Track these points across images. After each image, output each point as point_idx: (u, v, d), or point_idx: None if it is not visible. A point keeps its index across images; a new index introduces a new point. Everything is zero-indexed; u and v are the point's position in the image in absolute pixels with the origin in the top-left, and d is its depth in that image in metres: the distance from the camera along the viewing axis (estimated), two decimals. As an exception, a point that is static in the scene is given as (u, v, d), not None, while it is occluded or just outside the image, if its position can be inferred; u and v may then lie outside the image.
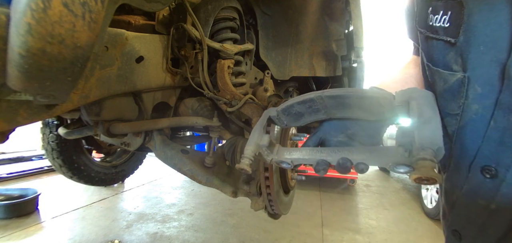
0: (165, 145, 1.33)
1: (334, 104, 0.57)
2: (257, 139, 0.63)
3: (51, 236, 2.45)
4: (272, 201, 1.10)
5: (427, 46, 0.48)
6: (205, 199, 3.68)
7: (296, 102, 0.60)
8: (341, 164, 0.50)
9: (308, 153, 0.57)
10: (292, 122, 0.64)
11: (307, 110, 0.60)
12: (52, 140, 2.06)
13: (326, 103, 0.58)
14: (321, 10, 1.53)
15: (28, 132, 2.95)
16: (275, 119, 0.65)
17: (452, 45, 0.41)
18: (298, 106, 0.60)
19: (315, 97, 0.57)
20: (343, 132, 0.59)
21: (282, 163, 0.60)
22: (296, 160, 0.58)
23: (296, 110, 0.61)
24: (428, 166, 0.38)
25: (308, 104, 0.59)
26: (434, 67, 0.47)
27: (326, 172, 0.53)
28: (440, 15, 0.42)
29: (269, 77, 1.61)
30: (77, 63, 0.54)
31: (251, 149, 0.61)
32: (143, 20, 1.12)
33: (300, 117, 0.62)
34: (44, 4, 0.44)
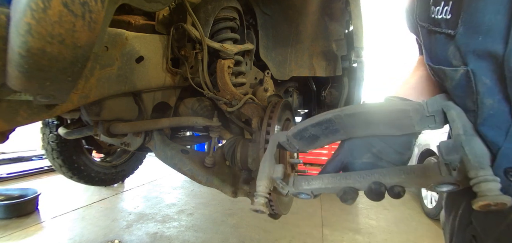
0: (165, 145, 1.33)
1: (355, 122, 0.51)
2: (269, 171, 0.55)
3: (51, 236, 2.45)
4: (272, 201, 1.10)
5: (429, 41, 0.45)
6: (205, 199, 3.68)
7: (310, 125, 0.53)
8: (373, 190, 0.44)
9: (331, 181, 0.51)
10: (306, 146, 0.57)
11: (324, 132, 0.54)
12: (52, 140, 2.06)
13: (345, 123, 0.51)
14: (321, 10, 1.53)
15: (28, 132, 2.96)
16: (285, 145, 0.58)
17: (451, 38, 0.39)
18: (312, 129, 0.54)
19: (333, 117, 0.50)
20: (369, 151, 0.52)
21: (301, 195, 0.53)
22: (317, 190, 0.52)
23: (310, 133, 0.54)
24: (494, 189, 0.34)
25: (324, 125, 0.52)
26: (436, 66, 0.44)
27: (355, 200, 0.47)
28: (442, 6, 0.39)
29: (269, 77, 1.61)
30: (77, 63, 0.54)
31: (264, 184, 0.53)
32: (143, 20, 1.12)
33: (315, 140, 0.55)
34: (44, 4, 0.44)
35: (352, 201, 0.48)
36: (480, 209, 0.34)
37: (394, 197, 0.44)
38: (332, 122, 0.52)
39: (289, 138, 0.57)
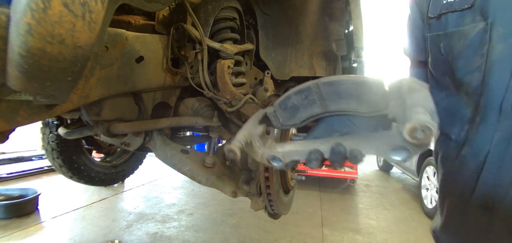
0: (165, 145, 1.33)
1: (330, 92, 0.54)
2: (251, 127, 0.60)
3: (51, 236, 2.45)
4: (272, 201, 1.10)
5: (439, 24, 0.51)
6: (205, 199, 3.68)
7: (293, 93, 0.57)
8: (334, 149, 0.47)
9: (301, 145, 0.54)
10: (288, 118, 0.61)
11: (303, 103, 0.57)
12: (52, 140, 2.06)
13: (322, 92, 0.55)
14: (321, 10, 1.53)
15: (28, 132, 2.95)
16: (272, 116, 0.62)
17: (469, 9, 0.45)
18: (294, 98, 0.57)
19: (312, 85, 0.54)
20: (337, 131, 0.57)
21: (274, 160, 0.56)
22: (288, 153, 0.55)
23: (292, 103, 0.58)
24: (421, 115, 0.36)
25: (304, 94, 0.56)
26: (451, 30, 0.48)
27: (319, 164, 0.50)
28: None
29: (269, 77, 1.61)
30: (77, 63, 0.54)
31: (243, 134, 0.58)
32: (143, 20, 1.12)
33: (296, 112, 0.59)
34: (44, 4, 0.44)
35: (316, 163, 0.50)
36: (409, 133, 0.36)
37: (353, 161, 0.47)
38: (310, 90, 0.55)
39: (275, 107, 0.60)
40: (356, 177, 4.43)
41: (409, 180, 5.48)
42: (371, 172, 6.00)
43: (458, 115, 0.50)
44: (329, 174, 4.45)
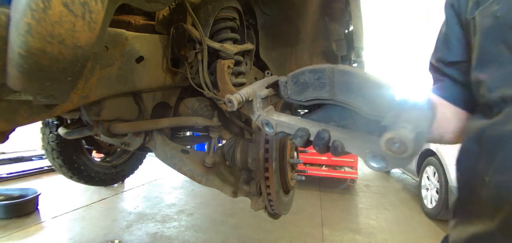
0: (165, 145, 1.33)
1: (341, 81, 0.54)
2: (257, 88, 0.61)
3: (51, 236, 2.45)
4: (272, 201, 1.10)
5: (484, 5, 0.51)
6: (205, 199, 3.68)
7: (308, 70, 0.57)
8: (319, 134, 0.48)
9: (295, 121, 0.56)
10: (296, 93, 0.61)
11: (314, 83, 0.57)
12: (52, 140, 2.06)
13: (334, 78, 0.54)
14: (321, 10, 1.53)
15: (28, 132, 2.95)
16: (282, 85, 0.62)
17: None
18: (308, 75, 0.57)
19: (327, 68, 0.54)
20: (336, 121, 0.57)
21: (267, 125, 0.57)
22: (281, 124, 0.56)
23: (304, 79, 0.58)
24: (405, 130, 0.36)
25: (317, 74, 0.56)
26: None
27: (303, 142, 0.51)
28: None
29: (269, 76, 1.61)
30: (77, 63, 0.54)
31: (247, 90, 0.59)
32: (143, 20, 1.12)
33: (305, 89, 0.59)
34: (44, 4, 0.44)
35: (301, 140, 0.51)
36: (385, 142, 0.37)
37: (332, 152, 0.48)
38: (324, 73, 0.55)
39: (288, 78, 0.60)
40: (356, 177, 4.43)
41: (409, 180, 5.48)
42: (371, 172, 6.01)
43: None
44: (329, 174, 4.45)
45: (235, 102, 0.56)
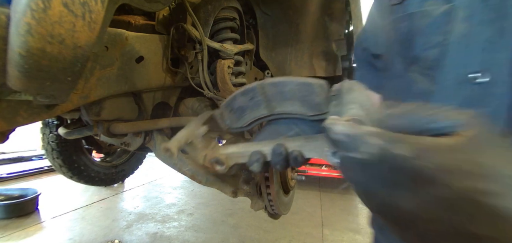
0: (165, 145, 1.33)
1: (274, 93, 0.52)
2: (194, 127, 0.57)
3: (51, 236, 2.45)
4: (272, 201, 1.10)
5: (401, 7, 0.55)
6: (205, 199, 3.68)
7: (239, 93, 0.55)
8: (275, 150, 0.45)
9: (244, 147, 0.52)
10: (235, 121, 0.58)
11: (249, 104, 0.55)
12: (52, 140, 2.06)
13: (267, 93, 0.53)
14: (321, 10, 1.53)
15: (28, 132, 2.95)
16: (218, 118, 0.60)
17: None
18: (241, 99, 0.55)
19: (257, 85, 0.53)
20: (283, 134, 0.56)
21: (217, 162, 0.54)
22: (231, 156, 0.53)
23: (238, 104, 0.55)
24: (355, 110, 0.33)
25: (250, 94, 0.54)
26: (413, 11, 0.52)
27: (261, 166, 0.48)
28: None
29: (269, 77, 1.60)
30: (77, 63, 0.54)
31: (184, 133, 0.55)
32: (143, 20, 1.12)
33: (242, 114, 0.56)
34: (44, 4, 0.44)
35: (258, 165, 0.48)
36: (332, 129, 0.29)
37: (293, 163, 0.46)
38: (256, 91, 0.53)
39: (222, 108, 0.58)
40: (356, 177, 4.42)
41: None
42: (371, 172, 5.99)
43: (408, 92, 0.53)
44: (329, 174, 4.45)
45: (175, 150, 0.53)
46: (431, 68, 0.50)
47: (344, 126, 0.27)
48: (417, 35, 0.52)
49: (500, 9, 0.42)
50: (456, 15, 0.47)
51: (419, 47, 0.51)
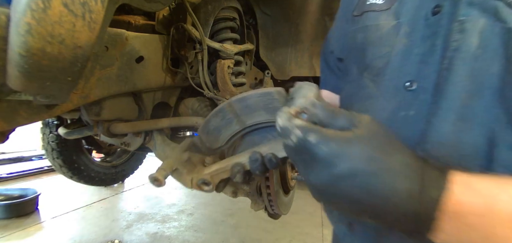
0: (165, 145, 1.33)
1: (241, 108, 0.57)
2: (177, 155, 0.62)
3: (51, 236, 2.45)
4: (272, 201, 1.10)
5: (360, 20, 0.61)
6: (205, 199, 3.68)
7: (211, 116, 0.59)
8: (251, 158, 0.50)
9: (225, 162, 0.57)
10: (213, 142, 0.62)
11: (222, 123, 0.59)
12: (52, 140, 2.06)
13: (235, 110, 0.57)
14: (321, 10, 1.53)
15: (28, 132, 2.95)
16: (198, 143, 0.64)
17: (386, 10, 0.55)
18: (214, 120, 0.59)
19: (225, 105, 0.57)
20: (259, 143, 0.61)
21: (204, 183, 0.58)
22: (215, 174, 0.58)
23: (213, 125, 0.60)
24: (302, 99, 0.38)
25: (221, 115, 0.58)
26: (369, 24, 0.58)
27: (242, 176, 0.53)
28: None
29: (269, 77, 1.61)
30: (77, 63, 0.54)
31: (169, 162, 0.60)
32: (143, 20, 1.12)
33: (219, 133, 0.61)
34: (44, 4, 0.44)
35: (240, 176, 0.53)
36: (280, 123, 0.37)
37: (270, 165, 0.51)
38: (225, 110, 0.57)
39: (200, 133, 0.62)
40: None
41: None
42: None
43: (359, 95, 0.58)
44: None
45: (162, 179, 0.58)
46: (377, 75, 0.55)
47: (281, 119, 0.35)
48: (370, 46, 0.57)
49: (435, 27, 0.47)
50: (401, 31, 0.52)
51: (370, 57, 0.57)
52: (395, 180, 0.31)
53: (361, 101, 0.58)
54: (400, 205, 0.31)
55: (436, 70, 0.47)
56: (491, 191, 0.30)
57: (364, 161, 0.32)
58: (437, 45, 0.47)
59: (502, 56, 0.40)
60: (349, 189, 0.33)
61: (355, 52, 0.63)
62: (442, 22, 0.47)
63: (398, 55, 0.52)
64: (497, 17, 0.41)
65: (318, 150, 0.32)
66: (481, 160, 0.41)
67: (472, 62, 0.42)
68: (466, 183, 0.31)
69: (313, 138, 0.32)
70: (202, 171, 0.60)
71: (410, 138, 0.47)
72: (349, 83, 0.64)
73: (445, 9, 0.47)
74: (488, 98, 0.41)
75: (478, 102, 0.42)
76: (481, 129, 0.41)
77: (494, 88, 0.41)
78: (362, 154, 0.32)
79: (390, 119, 0.52)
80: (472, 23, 0.43)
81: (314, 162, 0.33)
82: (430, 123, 0.45)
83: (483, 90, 0.41)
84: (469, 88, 0.42)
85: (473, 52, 0.42)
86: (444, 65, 0.45)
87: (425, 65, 0.48)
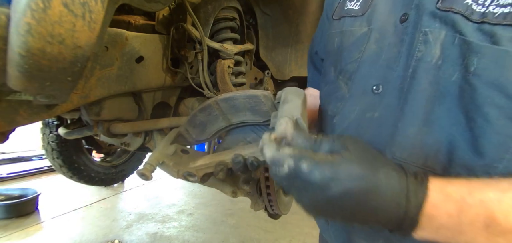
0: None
1: (228, 107, 0.60)
2: (163, 148, 0.64)
3: (51, 236, 2.45)
4: (272, 201, 1.10)
5: (338, 24, 0.65)
6: (205, 199, 3.68)
7: (198, 111, 0.62)
8: (234, 160, 0.52)
9: (210, 158, 0.60)
10: (199, 134, 0.65)
11: (209, 119, 0.62)
12: (52, 140, 2.06)
13: (221, 108, 0.60)
14: (321, 10, 1.52)
15: (28, 132, 2.96)
16: (185, 134, 0.66)
17: (360, 16, 0.59)
18: (200, 115, 0.62)
19: (212, 102, 0.60)
20: (242, 140, 0.64)
21: (189, 175, 0.61)
22: (200, 168, 0.60)
23: (199, 120, 0.62)
24: (283, 124, 0.39)
25: (207, 111, 0.61)
26: (345, 29, 0.62)
27: (225, 174, 0.56)
28: (354, 3, 0.62)
29: (269, 77, 1.61)
30: (77, 63, 0.54)
31: (155, 156, 0.62)
32: (143, 20, 1.12)
33: (205, 127, 0.64)
34: (44, 4, 0.44)
35: (222, 174, 0.57)
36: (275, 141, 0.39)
37: (252, 168, 0.54)
38: (211, 108, 0.60)
39: (186, 125, 0.65)
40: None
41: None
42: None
43: (334, 96, 0.62)
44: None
45: (149, 174, 0.59)
46: (349, 79, 0.59)
47: (269, 150, 0.36)
48: (344, 51, 0.61)
49: (402, 35, 0.50)
50: (371, 37, 0.55)
51: (344, 61, 0.60)
52: (384, 194, 0.35)
53: (335, 102, 0.62)
54: (389, 214, 0.35)
55: (400, 76, 0.50)
56: (461, 195, 0.35)
57: (356, 181, 0.34)
58: (402, 52, 0.50)
59: (461, 66, 0.43)
60: (343, 207, 0.36)
61: (332, 55, 0.66)
62: (408, 30, 0.50)
63: (368, 60, 0.56)
64: (456, 30, 0.44)
65: (312, 177, 0.34)
66: (443, 161, 0.45)
67: (434, 71, 0.46)
68: (440, 189, 0.36)
69: (305, 165, 0.34)
70: (188, 164, 0.63)
71: (377, 139, 0.51)
72: (328, 84, 0.67)
73: (410, 18, 0.50)
74: (449, 104, 0.44)
75: (440, 108, 0.45)
76: (442, 132, 0.45)
77: (453, 95, 0.44)
78: (353, 174, 0.34)
79: (358, 121, 0.55)
80: (434, 34, 0.46)
81: (308, 187, 0.35)
82: (397, 127, 0.49)
83: (444, 97, 0.45)
84: (431, 95, 0.46)
85: (435, 63, 0.46)
86: (408, 73, 0.48)
87: (390, 71, 0.51)
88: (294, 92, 0.52)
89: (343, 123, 0.59)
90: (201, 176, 0.61)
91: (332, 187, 0.34)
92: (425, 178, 0.37)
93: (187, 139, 0.67)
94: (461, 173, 0.44)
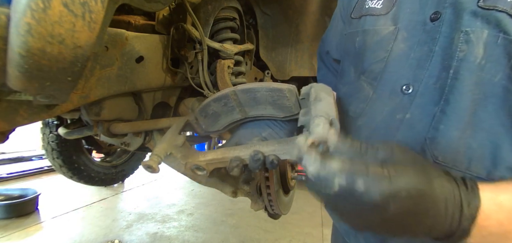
0: (165, 145, 1.33)
1: (247, 99, 0.56)
2: (171, 139, 0.60)
3: (51, 236, 2.45)
4: (272, 201, 1.10)
5: (358, 23, 0.62)
6: (205, 199, 3.68)
7: (212, 100, 0.58)
8: (253, 157, 0.49)
9: (223, 152, 0.56)
10: (210, 125, 0.61)
11: (223, 109, 0.58)
12: (52, 140, 2.06)
13: (239, 99, 0.56)
14: (321, 10, 1.53)
15: (28, 132, 2.95)
16: (194, 123, 0.63)
17: (384, 15, 0.57)
18: (214, 105, 0.58)
19: (230, 92, 0.56)
20: (257, 135, 0.60)
21: (198, 169, 0.57)
22: (211, 162, 0.56)
23: (212, 110, 0.59)
24: (321, 127, 0.36)
25: (223, 101, 0.57)
26: (367, 28, 0.59)
27: (240, 171, 0.52)
28: (375, 1, 0.60)
29: (269, 77, 1.61)
30: (77, 63, 0.54)
31: (162, 146, 0.58)
32: (143, 20, 1.12)
33: (217, 118, 0.60)
34: (44, 4, 0.44)
35: (237, 170, 0.52)
36: (309, 148, 0.35)
37: (270, 167, 0.51)
38: (229, 98, 0.56)
39: (196, 114, 0.60)
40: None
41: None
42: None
43: (355, 97, 0.59)
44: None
45: (156, 166, 0.55)
46: (374, 79, 0.57)
47: (313, 167, 0.33)
48: (368, 50, 0.58)
49: (433, 33, 0.49)
50: (398, 36, 0.54)
51: (368, 61, 0.58)
52: (439, 207, 0.33)
53: (357, 103, 0.59)
54: (443, 226, 0.34)
55: (434, 75, 0.48)
56: (510, 203, 0.35)
57: (415, 198, 0.32)
58: (435, 51, 0.48)
59: (506, 66, 0.42)
60: (398, 224, 0.34)
61: (352, 55, 0.63)
62: (441, 29, 0.48)
63: (395, 59, 0.54)
64: (500, 29, 0.42)
65: (369, 197, 0.31)
66: (488, 165, 0.43)
67: (477, 72, 0.44)
68: (492, 198, 0.35)
69: (360, 183, 0.31)
70: (197, 157, 0.58)
71: (409, 141, 0.49)
72: (346, 85, 0.64)
73: (445, 17, 0.48)
74: (493, 105, 0.43)
75: (484, 110, 0.44)
76: (486, 134, 0.43)
77: (497, 96, 0.43)
78: (412, 190, 0.32)
79: (386, 122, 0.53)
80: (477, 34, 0.44)
81: (362, 207, 0.32)
82: (437, 130, 0.46)
83: (487, 98, 0.43)
84: (475, 96, 0.44)
85: (479, 63, 0.44)
86: (449, 74, 0.46)
87: (422, 70, 0.49)
88: (324, 89, 0.49)
89: (370, 124, 0.57)
90: (212, 170, 0.57)
91: (392, 205, 0.31)
92: (475, 187, 0.36)
93: (195, 129, 0.64)
94: (505, 176, 0.42)
